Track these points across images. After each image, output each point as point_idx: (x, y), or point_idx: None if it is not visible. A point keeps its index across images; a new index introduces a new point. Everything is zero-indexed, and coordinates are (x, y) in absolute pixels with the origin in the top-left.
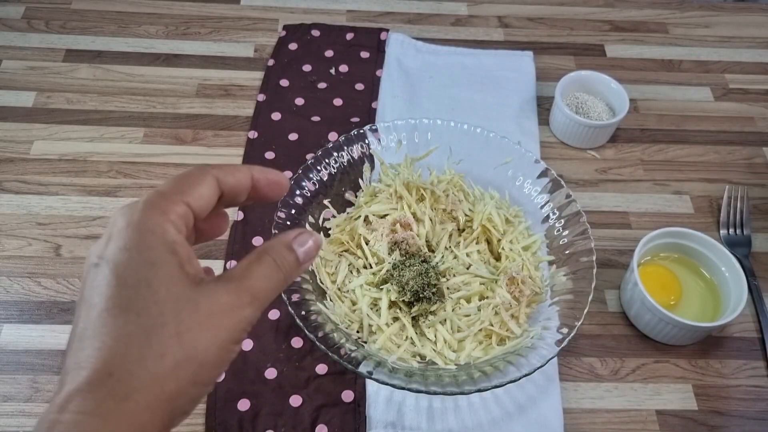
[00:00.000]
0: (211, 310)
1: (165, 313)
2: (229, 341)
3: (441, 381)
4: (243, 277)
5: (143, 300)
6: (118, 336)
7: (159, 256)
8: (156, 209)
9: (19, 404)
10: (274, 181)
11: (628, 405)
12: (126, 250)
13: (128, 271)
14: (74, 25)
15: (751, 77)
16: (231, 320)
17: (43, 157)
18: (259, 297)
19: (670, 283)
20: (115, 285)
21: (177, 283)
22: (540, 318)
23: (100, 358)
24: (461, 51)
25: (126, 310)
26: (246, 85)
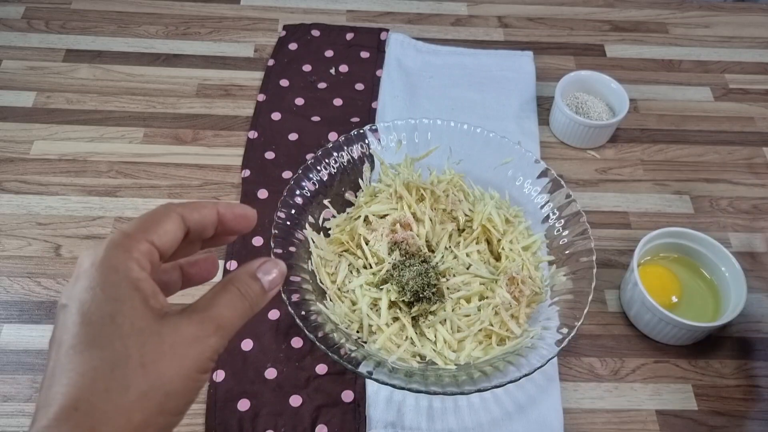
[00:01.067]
0: (175, 341)
1: (129, 346)
2: (194, 370)
3: (441, 381)
4: (207, 308)
5: (107, 335)
6: (83, 371)
7: (123, 293)
8: (119, 248)
9: (19, 404)
10: (240, 215)
11: (628, 405)
12: (91, 289)
13: (93, 309)
14: (74, 25)
15: (751, 77)
16: (196, 350)
17: (43, 157)
18: (224, 326)
19: (670, 283)
20: (80, 323)
21: (141, 317)
22: (540, 318)
23: (67, 393)
24: (461, 51)
25: (91, 345)
26: (246, 85)
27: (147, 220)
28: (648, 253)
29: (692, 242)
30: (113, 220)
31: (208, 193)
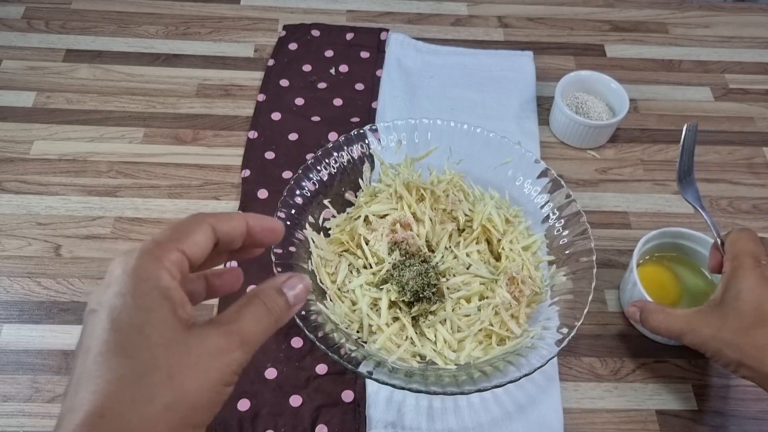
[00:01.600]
0: (202, 352)
1: (157, 356)
2: (219, 383)
3: (441, 381)
4: (233, 321)
5: (136, 345)
6: (111, 379)
7: (152, 302)
8: (150, 256)
9: (19, 404)
10: (268, 228)
11: (628, 405)
12: (121, 296)
13: (122, 317)
14: (74, 25)
15: (751, 77)
16: (221, 363)
17: (43, 157)
18: (248, 340)
19: (670, 283)
20: (109, 330)
21: (169, 328)
22: (540, 318)
23: (93, 400)
24: (461, 51)
25: (119, 354)
26: (246, 85)
27: (178, 230)
28: (647, 253)
29: (692, 242)
30: (113, 220)
31: (208, 193)
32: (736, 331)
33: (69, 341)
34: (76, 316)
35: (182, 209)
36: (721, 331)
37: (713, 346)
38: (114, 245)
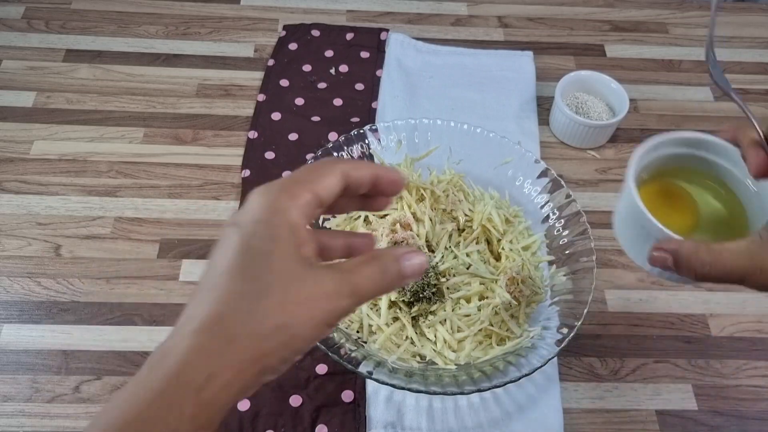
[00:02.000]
0: (314, 291)
1: (275, 283)
2: (323, 322)
3: (441, 381)
4: (349, 272)
5: (260, 268)
6: (232, 292)
7: (281, 234)
8: (287, 193)
9: (19, 404)
10: (392, 179)
11: (628, 405)
12: (256, 222)
13: (253, 242)
14: (74, 25)
15: (751, 77)
16: (329, 305)
17: (43, 157)
18: (358, 293)
19: (684, 207)
20: (239, 252)
21: (291, 260)
22: (540, 318)
23: (213, 309)
24: (461, 51)
25: (244, 274)
26: (246, 85)
27: (314, 172)
28: (647, 170)
29: (708, 152)
30: (113, 220)
31: (208, 193)
32: None
33: (69, 341)
34: (76, 316)
35: (182, 209)
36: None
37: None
38: (114, 245)
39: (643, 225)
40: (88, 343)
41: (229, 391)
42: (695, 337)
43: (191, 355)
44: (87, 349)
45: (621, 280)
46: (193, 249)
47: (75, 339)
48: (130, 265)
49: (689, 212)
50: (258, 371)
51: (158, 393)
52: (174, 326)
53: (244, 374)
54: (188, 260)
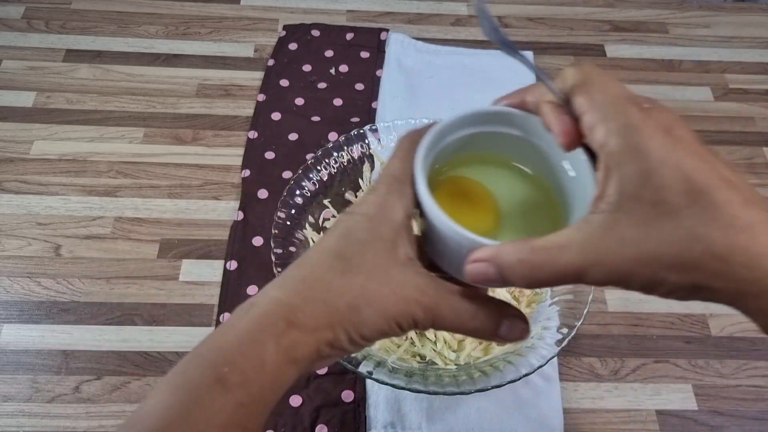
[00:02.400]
0: (394, 290)
1: (362, 269)
2: (392, 319)
3: (441, 381)
4: (443, 294)
5: (353, 252)
6: (321, 264)
7: (382, 231)
8: (395, 193)
9: (19, 404)
10: None
11: (628, 405)
12: (364, 215)
13: (355, 231)
14: (74, 25)
15: (751, 77)
16: (403, 306)
17: (43, 157)
18: (434, 312)
19: (481, 198)
20: (341, 234)
21: (383, 256)
22: (540, 318)
23: (299, 275)
24: (461, 51)
25: (337, 253)
26: (246, 85)
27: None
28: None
29: (511, 128)
30: (113, 220)
31: (208, 193)
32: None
33: (69, 341)
34: (76, 316)
35: (182, 209)
36: (651, 243)
37: (645, 272)
38: (114, 245)
39: (449, 236)
40: (88, 343)
41: (306, 347)
42: (695, 337)
43: (274, 306)
44: (87, 349)
45: None
46: (193, 249)
47: (75, 339)
48: (130, 265)
49: (490, 209)
50: (328, 341)
51: (244, 332)
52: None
53: (316, 336)
54: (188, 260)
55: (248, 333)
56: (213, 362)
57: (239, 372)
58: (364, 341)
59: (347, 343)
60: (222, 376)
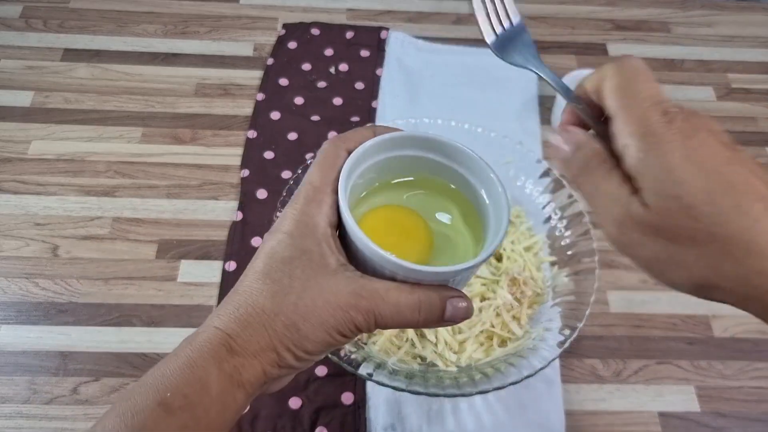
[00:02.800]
0: (329, 300)
1: (293, 286)
2: (333, 329)
3: (442, 383)
4: (376, 293)
5: (280, 272)
6: (251, 291)
7: (307, 246)
8: (313, 203)
9: (17, 406)
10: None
11: (631, 407)
12: (286, 234)
13: (279, 250)
14: (72, 24)
15: (753, 77)
16: (341, 314)
17: (40, 157)
18: (375, 315)
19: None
20: (267, 256)
21: (312, 269)
22: (542, 319)
23: (234, 303)
24: (462, 50)
25: (265, 276)
26: (245, 84)
27: (326, 166)
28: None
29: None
30: (111, 220)
31: (207, 193)
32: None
33: (67, 342)
34: (74, 317)
35: (180, 209)
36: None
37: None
38: (112, 246)
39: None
40: (86, 345)
41: (250, 370)
42: (698, 339)
43: (214, 334)
44: (85, 351)
45: (623, 281)
46: (191, 249)
47: (73, 340)
48: (128, 265)
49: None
50: (272, 361)
51: (186, 360)
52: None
53: (259, 359)
54: (186, 261)
55: (189, 360)
56: (156, 387)
57: (182, 396)
58: (310, 356)
59: (294, 361)
60: (165, 400)
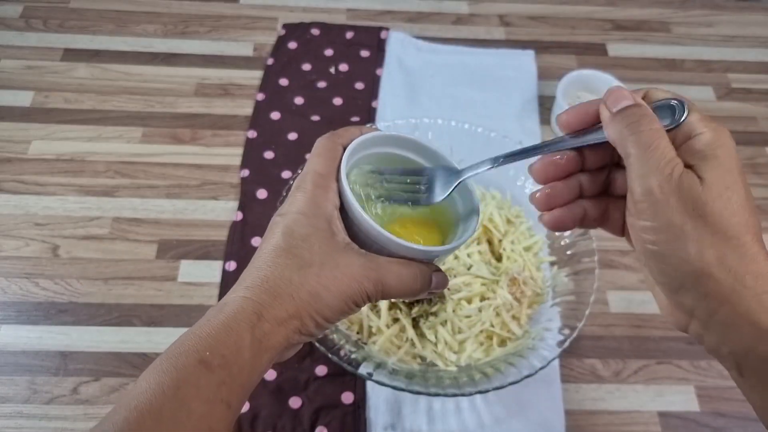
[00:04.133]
0: (344, 272)
1: (314, 260)
2: (349, 298)
3: (441, 382)
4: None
5: (301, 248)
6: (277, 264)
7: (318, 224)
8: (321, 189)
9: (17, 406)
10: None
11: (630, 406)
12: (299, 213)
13: (296, 227)
14: (72, 24)
15: (753, 77)
16: (355, 284)
17: (40, 157)
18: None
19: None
20: (284, 234)
21: (327, 244)
22: (541, 319)
23: (262, 274)
24: (462, 50)
25: (287, 252)
26: (245, 84)
27: (327, 157)
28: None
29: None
30: (111, 220)
31: (207, 193)
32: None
33: (67, 342)
34: (74, 317)
35: (180, 209)
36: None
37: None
38: (112, 246)
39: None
40: (86, 344)
41: (276, 336)
42: None
43: (245, 303)
44: (85, 351)
45: (623, 281)
46: (191, 249)
47: (73, 340)
48: (128, 265)
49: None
50: (295, 328)
51: (221, 325)
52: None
53: (285, 325)
54: (186, 261)
55: (225, 325)
56: (195, 348)
57: (220, 356)
58: (328, 323)
59: (314, 328)
60: (205, 359)
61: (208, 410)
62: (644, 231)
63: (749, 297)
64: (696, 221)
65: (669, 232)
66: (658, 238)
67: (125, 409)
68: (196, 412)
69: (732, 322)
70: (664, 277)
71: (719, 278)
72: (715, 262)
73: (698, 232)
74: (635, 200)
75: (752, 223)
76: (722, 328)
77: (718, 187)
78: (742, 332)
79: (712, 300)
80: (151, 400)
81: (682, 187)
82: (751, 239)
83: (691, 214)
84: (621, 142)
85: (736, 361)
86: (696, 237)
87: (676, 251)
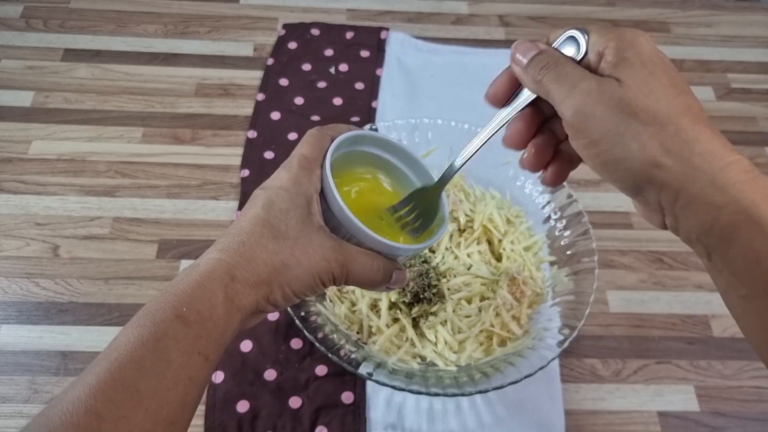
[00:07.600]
0: (316, 249)
1: (289, 233)
2: (317, 275)
3: (441, 382)
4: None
5: (279, 220)
6: (253, 232)
7: (298, 202)
8: (305, 171)
9: (18, 405)
10: None
11: (630, 406)
12: (282, 189)
13: (277, 201)
14: (73, 24)
15: (753, 77)
16: (324, 264)
17: (41, 157)
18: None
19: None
20: (265, 206)
21: (303, 221)
22: (541, 319)
23: (238, 238)
24: (462, 50)
25: (265, 221)
26: (245, 84)
27: (315, 145)
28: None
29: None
30: (111, 220)
31: (207, 193)
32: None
33: (67, 342)
34: (74, 316)
35: (181, 209)
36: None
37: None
38: (112, 245)
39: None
40: (87, 344)
41: (247, 298)
42: (697, 338)
43: (218, 264)
44: (85, 350)
45: (623, 281)
46: (191, 249)
47: (73, 340)
48: (128, 265)
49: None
50: (264, 295)
51: (196, 283)
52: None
53: (256, 290)
54: (187, 260)
55: (199, 283)
56: (172, 305)
57: (195, 311)
58: (294, 296)
59: (280, 298)
60: (181, 314)
61: (187, 361)
62: (587, 147)
63: (701, 177)
64: (628, 120)
65: (608, 140)
66: (600, 149)
67: (106, 361)
68: (175, 362)
69: (690, 205)
70: (622, 183)
71: (668, 166)
72: (660, 152)
73: (633, 129)
74: (569, 125)
75: (686, 105)
76: (685, 214)
77: (636, 82)
78: (701, 213)
79: (668, 190)
80: (131, 352)
81: (604, 95)
82: (689, 121)
83: (620, 115)
84: (540, 88)
85: (703, 246)
86: (633, 134)
87: (621, 154)
